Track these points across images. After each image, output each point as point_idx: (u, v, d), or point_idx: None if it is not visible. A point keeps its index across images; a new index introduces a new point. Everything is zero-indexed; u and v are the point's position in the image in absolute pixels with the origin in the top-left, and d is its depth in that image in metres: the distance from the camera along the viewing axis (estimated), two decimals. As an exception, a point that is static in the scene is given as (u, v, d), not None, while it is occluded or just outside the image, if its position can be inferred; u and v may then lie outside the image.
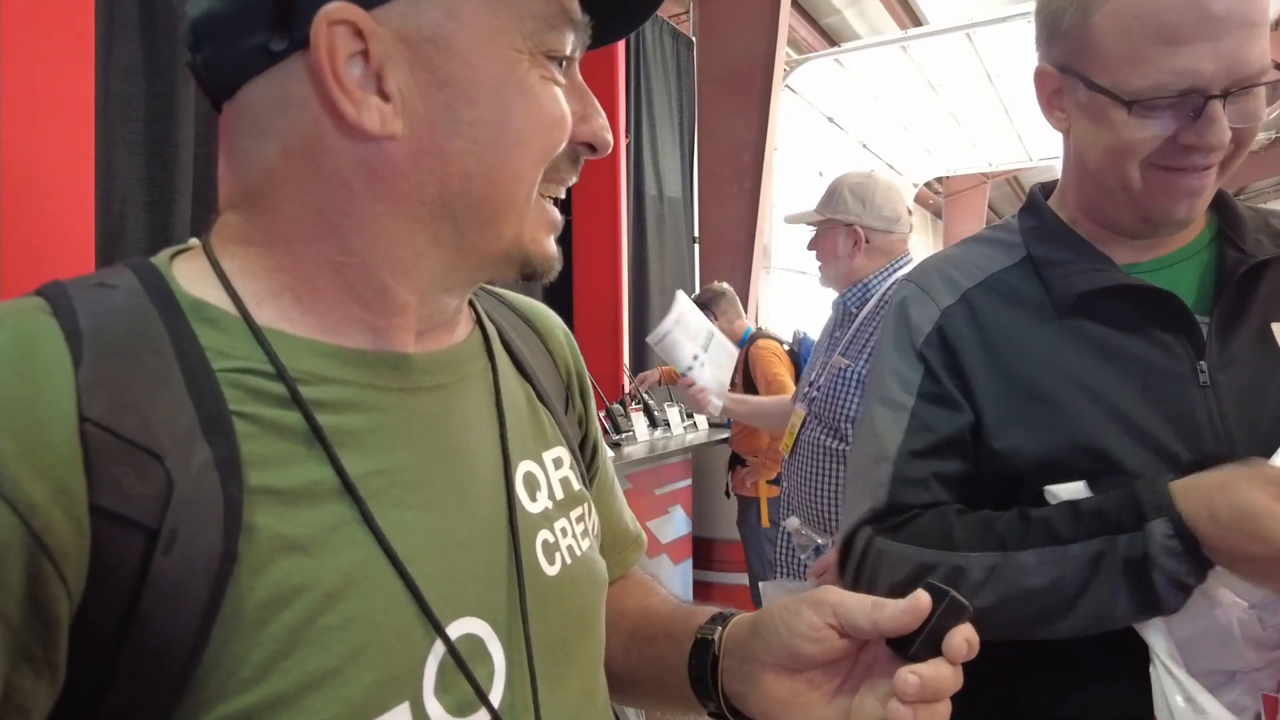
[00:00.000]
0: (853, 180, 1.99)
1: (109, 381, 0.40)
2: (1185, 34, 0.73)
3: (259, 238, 0.47)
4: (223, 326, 0.45)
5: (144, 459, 0.39)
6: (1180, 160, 0.78)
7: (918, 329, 0.90)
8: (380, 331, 0.49)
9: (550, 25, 0.47)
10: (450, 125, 0.46)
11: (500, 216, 0.48)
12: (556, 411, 0.62)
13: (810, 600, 0.51)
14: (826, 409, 1.91)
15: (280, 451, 0.43)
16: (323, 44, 0.43)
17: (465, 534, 0.49)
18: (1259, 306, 0.83)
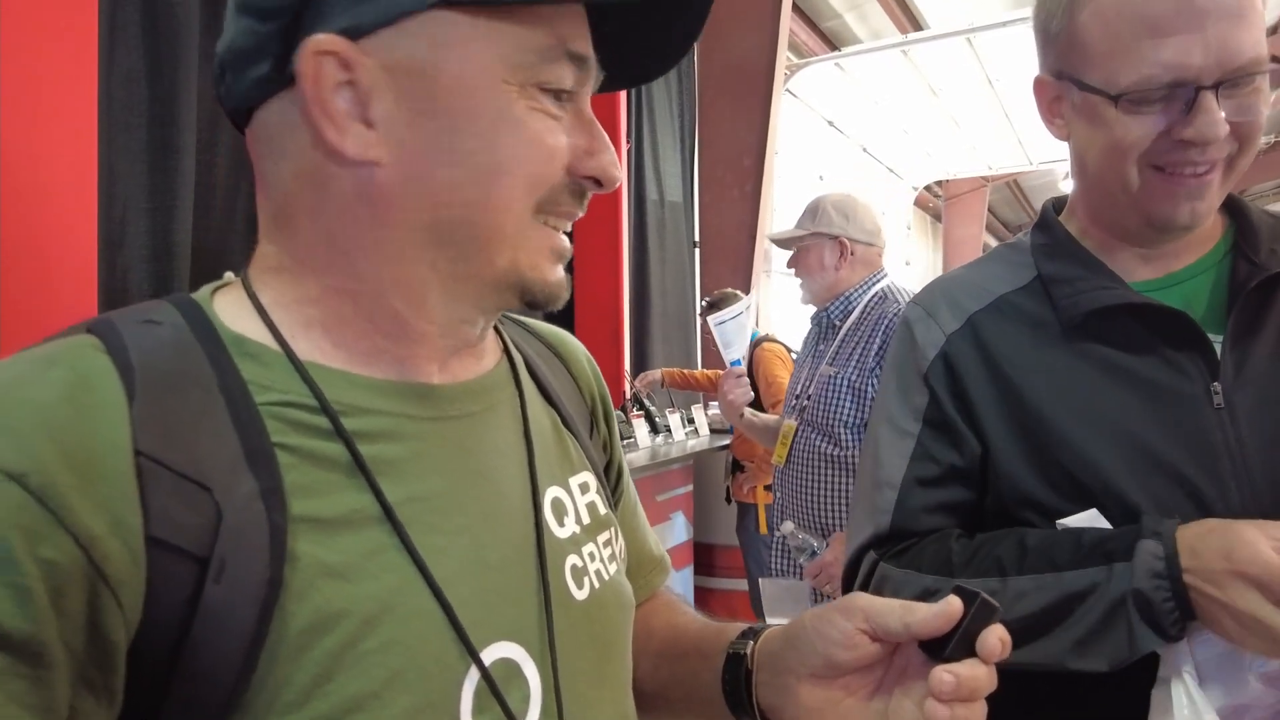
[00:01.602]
0: (834, 197, 2.10)
1: (160, 416, 0.42)
2: (1169, 25, 0.72)
3: (287, 265, 0.50)
4: (263, 360, 0.47)
5: (194, 491, 0.41)
6: (1178, 159, 0.75)
7: (923, 355, 0.89)
8: (405, 361, 0.51)
9: (544, 59, 0.48)
10: (438, 154, 0.47)
11: (491, 244, 0.49)
12: (582, 437, 0.64)
13: (841, 607, 0.52)
14: (820, 416, 1.96)
15: (320, 481, 0.45)
16: (309, 73, 0.45)
17: (498, 558, 0.51)
18: (1273, 322, 0.80)
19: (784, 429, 2.07)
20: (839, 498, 1.94)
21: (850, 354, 1.95)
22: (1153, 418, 0.79)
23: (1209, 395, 0.79)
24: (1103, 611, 0.73)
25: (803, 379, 2.08)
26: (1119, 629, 0.72)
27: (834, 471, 1.94)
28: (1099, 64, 0.77)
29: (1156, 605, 0.70)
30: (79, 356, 0.43)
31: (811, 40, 6.68)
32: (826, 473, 1.95)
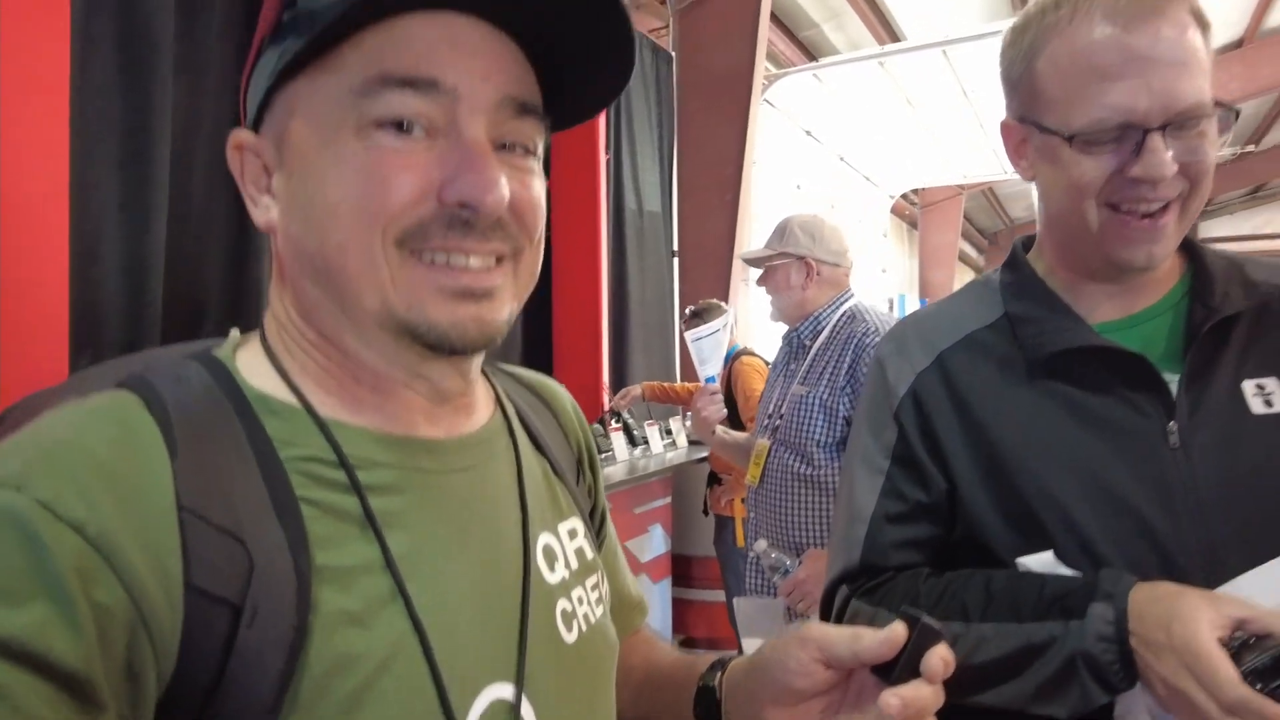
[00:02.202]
0: (802, 218, 2.14)
1: (199, 472, 0.45)
2: (1115, 71, 0.77)
3: (283, 321, 0.55)
4: (285, 417, 0.51)
5: (230, 542, 0.45)
6: (1132, 197, 0.79)
7: (894, 392, 0.92)
8: (396, 416, 0.54)
9: (368, 94, 0.48)
10: (293, 210, 0.52)
11: (349, 287, 0.50)
12: (570, 484, 0.67)
13: (798, 639, 0.56)
14: (793, 435, 1.99)
15: (338, 532, 0.48)
16: (233, 162, 0.54)
17: (495, 603, 0.54)
18: (1228, 364, 0.83)
19: (757, 448, 2.09)
20: (812, 516, 1.96)
21: (821, 373, 1.98)
22: (1112, 457, 0.82)
23: (1165, 435, 0.81)
24: (1058, 665, 0.75)
25: (774, 398, 2.11)
26: (1074, 682, 0.75)
27: (807, 490, 1.96)
28: (1055, 108, 0.81)
29: (1104, 666, 0.73)
30: (126, 413, 0.46)
31: (790, 50, 6.72)
32: (800, 491, 1.97)
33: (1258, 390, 0.82)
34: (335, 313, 0.52)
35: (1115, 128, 0.77)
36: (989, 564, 0.84)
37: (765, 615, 2.03)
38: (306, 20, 0.49)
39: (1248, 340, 0.84)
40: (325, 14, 0.47)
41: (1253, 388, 0.82)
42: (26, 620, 0.38)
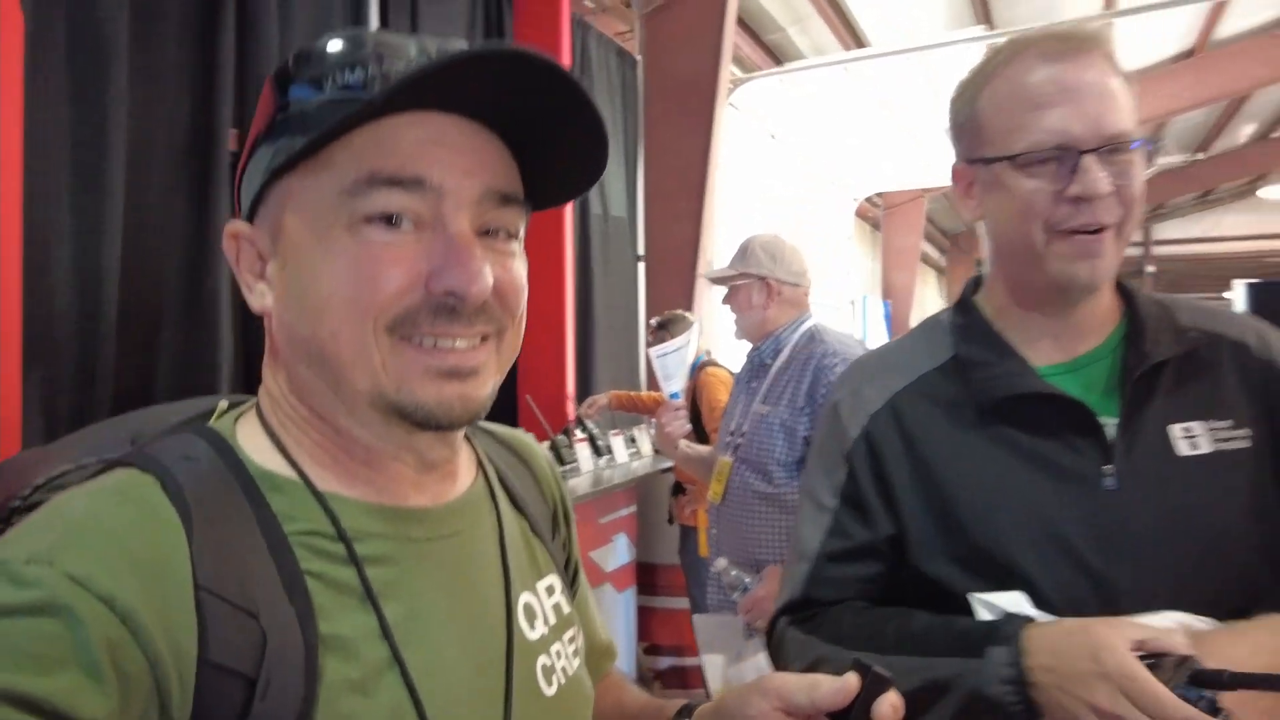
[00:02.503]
0: (763, 239, 2.18)
1: (214, 552, 0.48)
2: (1050, 100, 0.85)
3: (278, 398, 0.58)
4: (286, 492, 0.54)
5: (245, 618, 0.48)
6: (1073, 218, 0.85)
7: (846, 433, 0.95)
8: (387, 487, 0.58)
9: (357, 193, 0.52)
10: (287, 298, 0.55)
11: (342, 371, 0.54)
12: (547, 540, 0.70)
13: (758, 689, 0.59)
14: (754, 454, 2.03)
15: (339, 603, 0.52)
16: (228, 249, 0.58)
17: (483, 663, 0.58)
18: (1158, 408, 0.88)
19: (719, 466, 2.12)
20: (773, 533, 1.99)
21: (781, 393, 2.02)
22: (1054, 498, 0.86)
23: (1102, 478, 0.86)
24: (963, 701, 0.79)
25: (737, 415, 2.15)
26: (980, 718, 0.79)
27: (768, 508, 2.00)
28: (997, 139, 0.88)
29: (1006, 708, 0.77)
30: (144, 495, 0.49)
31: (755, 54, 6.75)
32: (761, 509, 2.01)
33: (1185, 433, 0.87)
34: (327, 393, 0.55)
35: (1052, 149, 0.84)
36: (940, 601, 0.87)
37: (724, 632, 2.06)
38: (299, 121, 0.53)
39: (1175, 385, 0.89)
40: (316, 116, 0.52)
41: (1180, 431, 0.88)
42: (60, 685, 0.41)
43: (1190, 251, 17.75)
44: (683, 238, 5.18)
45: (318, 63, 0.54)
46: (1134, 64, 8.32)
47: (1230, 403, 0.89)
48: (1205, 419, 0.88)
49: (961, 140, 0.95)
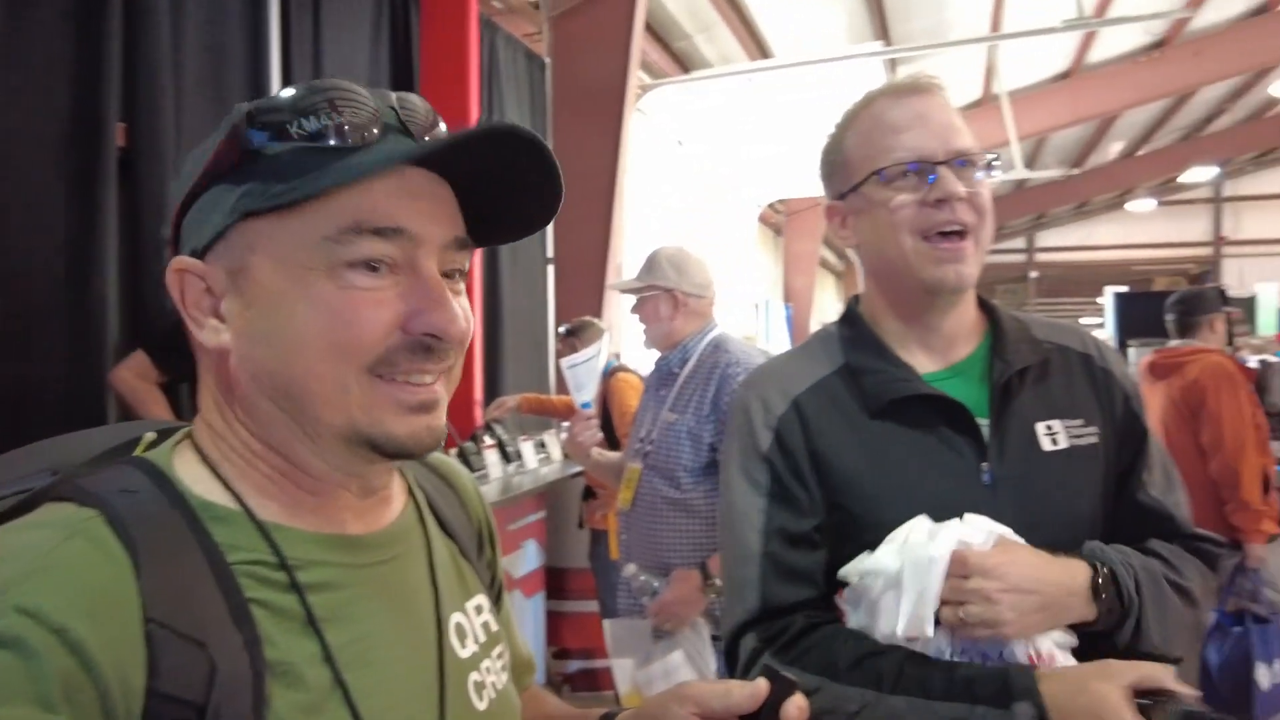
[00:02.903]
0: (668, 252, 2.23)
1: (162, 585, 0.50)
2: (905, 125, 0.97)
3: (222, 432, 0.59)
4: (229, 522, 0.55)
5: (193, 648, 0.49)
6: (936, 222, 0.95)
7: (760, 437, 1.02)
8: (332, 515, 0.60)
9: (342, 241, 0.55)
10: (254, 336, 0.57)
11: (314, 407, 0.56)
12: (474, 562, 0.73)
13: (676, 697, 0.63)
14: (662, 461, 2.07)
15: (284, 630, 0.54)
16: (174, 285, 0.58)
17: (420, 683, 0.61)
18: (1022, 410, 0.99)
19: (628, 472, 2.15)
20: (681, 537, 2.04)
21: (688, 401, 2.07)
22: (936, 491, 0.94)
23: (979, 472, 0.95)
24: None
25: (646, 423, 2.18)
26: None
27: (676, 513, 2.05)
28: (863, 164, 0.99)
29: None
30: (91, 530, 0.50)
31: (662, 60, 6.83)
32: (669, 514, 2.06)
33: (1047, 430, 0.99)
34: (290, 426, 0.57)
35: (911, 163, 0.96)
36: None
37: (633, 636, 2.10)
38: (269, 165, 0.55)
39: (1036, 389, 1.00)
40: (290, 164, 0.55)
41: (1043, 428, 0.99)
42: (16, 714, 0.42)
43: (1068, 259, 18.95)
44: (592, 241, 5.20)
45: (278, 109, 0.56)
46: (1016, 84, 8.78)
47: (1080, 404, 1.01)
48: (1062, 418, 0.99)
49: (833, 181, 1.05)
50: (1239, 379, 3.06)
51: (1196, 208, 17.55)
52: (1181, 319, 3.31)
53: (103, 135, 2.49)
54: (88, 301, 2.44)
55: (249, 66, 3.06)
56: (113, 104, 2.51)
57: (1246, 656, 2.98)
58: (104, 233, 2.46)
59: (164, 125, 2.68)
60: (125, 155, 2.59)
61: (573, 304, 4.96)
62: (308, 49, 3.35)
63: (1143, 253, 17.70)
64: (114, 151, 2.52)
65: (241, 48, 3.04)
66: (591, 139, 5.23)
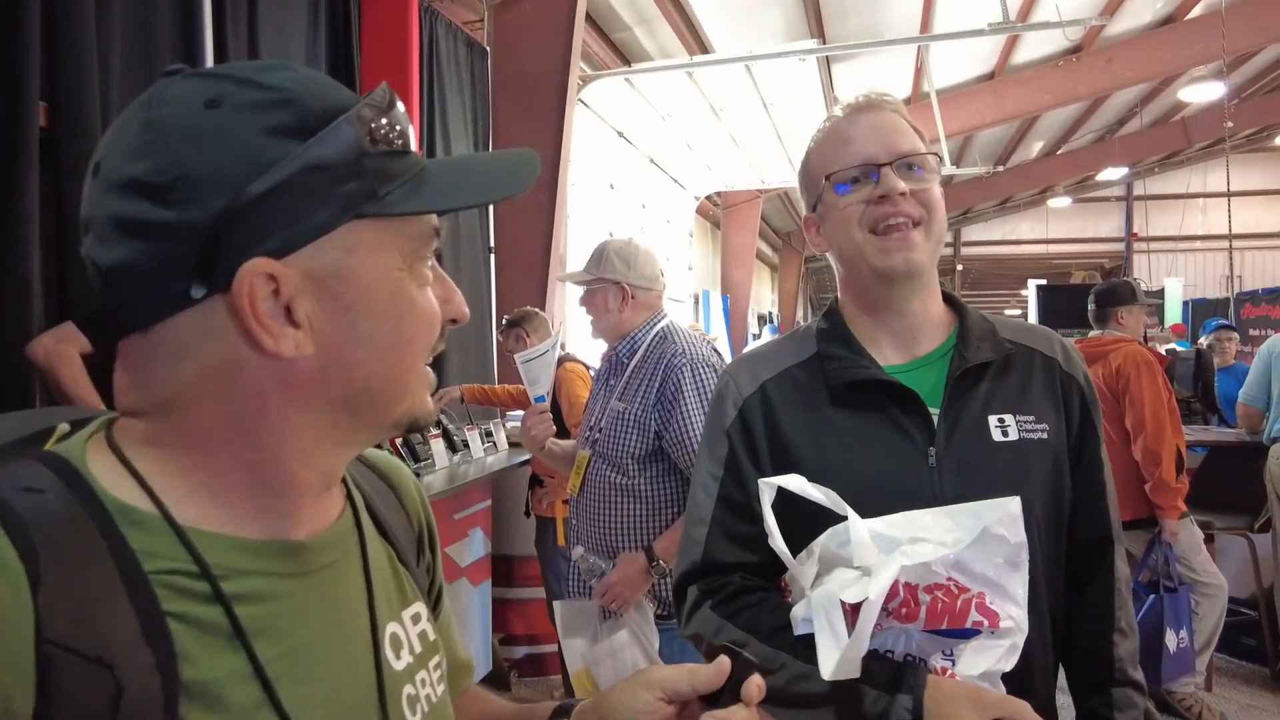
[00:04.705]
0: (617, 245, 2.24)
1: (65, 600, 0.45)
2: (855, 137, 1.08)
3: (170, 440, 0.53)
4: (148, 528, 0.50)
5: (98, 670, 0.44)
6: (882, 215, 1.04)
7: (726, 414, 1.11)
8: (285, 516, 0.56)
9: (424, 243, 0.58)
10: (354, 339, 0.54)
11: (396, 400, 0.58)
12: (412, 568, 0.70)
13: (643, 682, 0.64)
14: (610, 448, 2.10)
15: (205, 644, 0.49)
16: (245, 291, 0.50)
17: (352, 699, 0.57)
18: (977, 402, 1.06)
19: (578, 459, 2.18)
20: (628, 522, 2.08)
21: (636, 390, 2.10)
22: (883, 471, 1.02)
23: (926, 457, 1.03)
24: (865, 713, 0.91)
25: (595, 411, 2.21)
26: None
27: (623, 499, 2.08)
28: (821, 175, 1.09)
29: None
30: None
31: (603, 51, 6.83)
32: (616, 500, 2.09)
33: (998, 423, 1.06)
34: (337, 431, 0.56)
35: (858, 167, 1.05)
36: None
37: (582, 616, 2.13)
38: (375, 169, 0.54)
39: (993, 384, 1.08)
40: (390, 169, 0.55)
41: (995, 420, 1.06)
42: None
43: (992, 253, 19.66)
44: (534, 231, 5.18)
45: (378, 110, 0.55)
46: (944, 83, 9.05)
47: (1034, 402, 1.08)
48: (1015, 413, 1.06)
49: (806, 194, 1.15)
50: (1156, 366, 3.24)
51: (1109, 205, 18.43)
52: (1097, 311, 3.50)
53: (23, 115, 2.38)
54: (8, 286, 2.33)
55: (180, 47, 2.96)
56: (33, 83, 2.40)
57: (1159, 623, 3.18)
58: (26, 215, 2.36)
59: (89, 107, 2.57)
60: (47, 136, 2.48)
61: (515, 295, 4.94)
62: (242, 31, 3.25)
63: (1061, 247, 18.50)
64: (35, 132, 2.41)
65: (172, 29, 2.94)
66: (533, 128, 5.20)
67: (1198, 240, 17.11)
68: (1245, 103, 12.80)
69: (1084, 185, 17.20)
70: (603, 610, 2.07)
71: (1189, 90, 9.63)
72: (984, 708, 0.86)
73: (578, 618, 2.15)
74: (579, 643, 2.12)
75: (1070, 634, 1.09)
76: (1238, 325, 7.17)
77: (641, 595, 2.03)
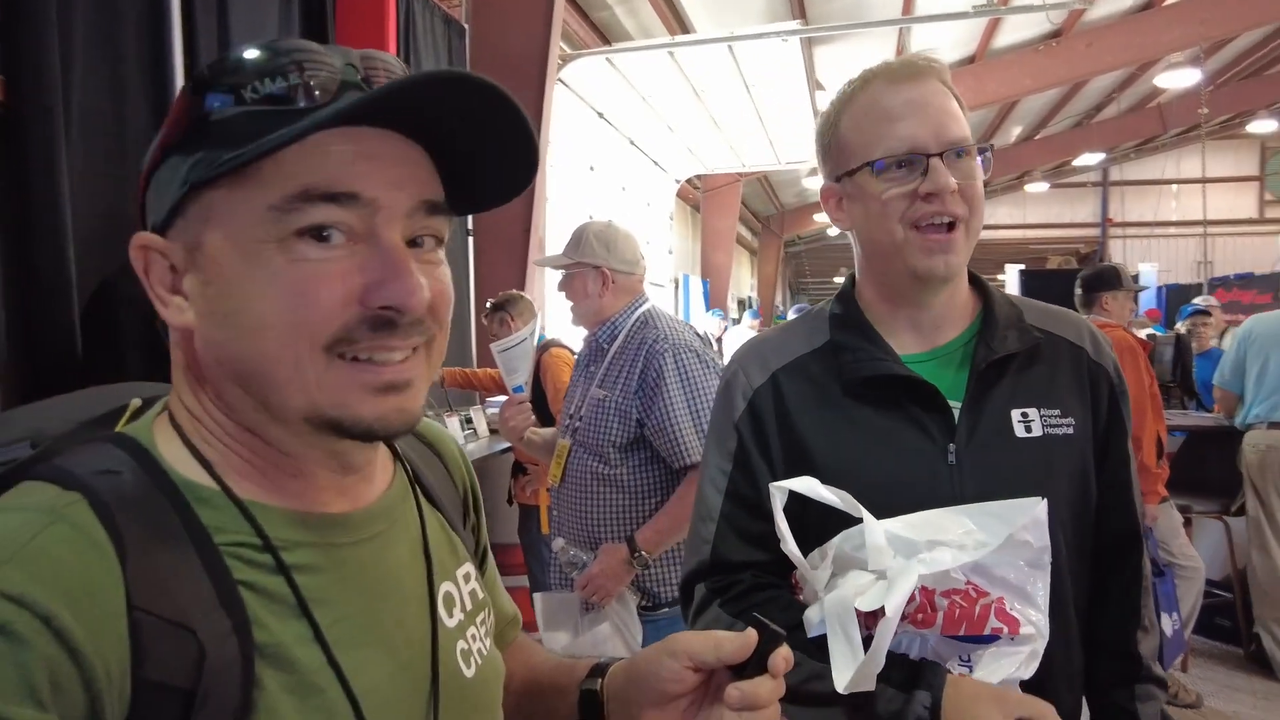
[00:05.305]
0: (596, 228, 2.17)
1: (149, 571, 0.48)
2: (899, 114, 0.96)
3: (199, 414, 0.56)
4: (213, 504, 0.53)
5: (182, 634, 0.48)
6: (927, 214, 0.96)
7: (735, 406, 1.05)
8: (310, 497, 0.58)
9: (289, 209, 0.51)
10: (214, 317, 0.53)
11: (276, 391, 0.53)
12: (460, 531, 0.72)
13: (668, 650, 0.64)
14: (591, 437, 2.05)
15: (273, 611, 0.53)
16: (137, 261, 0.55)
17: (408, 657, 0.60)
18: (1000, 396, 1.01)
19: (559, 448, 2.14)
20: (610, 512, 2.04)
21: (617, 378, 2.04)
22: (900, 469, 0.97)
23: (945, 453, 0.97)
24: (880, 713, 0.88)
25: (576, 399, 2.16)
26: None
27: (605, 488, 2.04)
28: (857, 152, 0.99)
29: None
30: (76, 516, 0.48)
31: (583, 30, 6.73)
32: (599, 489, 2.04)
33: (1022, 418, 1.00)
34: (259, 409, 0.55)
35: (905, 153, 0.95)
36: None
37: (563, 609, 2.10)
38: (220, 132, 0.51)
39: (1018, 377, 1.02)
40: (240, 128, 0.50)
41: (1018, 415, 1.00)
42: (4, 709, 0.41)
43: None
44: (513, 213, 5.10)
45: (237, 70, 0.52)
46: (927, 66, 9.07)
47: (1060, 395, 1.02)
48: (1039, 406, 1.00)
49: (828, 163, 1.05)
50: (1139, 351, 3.25)
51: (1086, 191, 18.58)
52: (1083, 295, 3.50)
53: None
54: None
55: (147, 21, 2.84)
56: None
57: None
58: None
59: (50, 81, 2.46)
60: (5, 112, 2.38)
61: (495, 278, 4.87)
62: (212, 5, 3.14)
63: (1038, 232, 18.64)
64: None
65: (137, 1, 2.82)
66: (512, 109, 5.10)
67: (1172, 226, 17.31)
68: (1220, 90, 12.93)
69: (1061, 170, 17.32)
70: (584, 603, 2.03)
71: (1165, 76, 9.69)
72: (1007, 707, 0.83)
73: (559, 611, 2.11)
74: (560, 636, 2.09)
75: (1093, 628, 1.05)
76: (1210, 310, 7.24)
77: (624, 587, 1.99)
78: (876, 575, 0.83)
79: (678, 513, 1.94)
